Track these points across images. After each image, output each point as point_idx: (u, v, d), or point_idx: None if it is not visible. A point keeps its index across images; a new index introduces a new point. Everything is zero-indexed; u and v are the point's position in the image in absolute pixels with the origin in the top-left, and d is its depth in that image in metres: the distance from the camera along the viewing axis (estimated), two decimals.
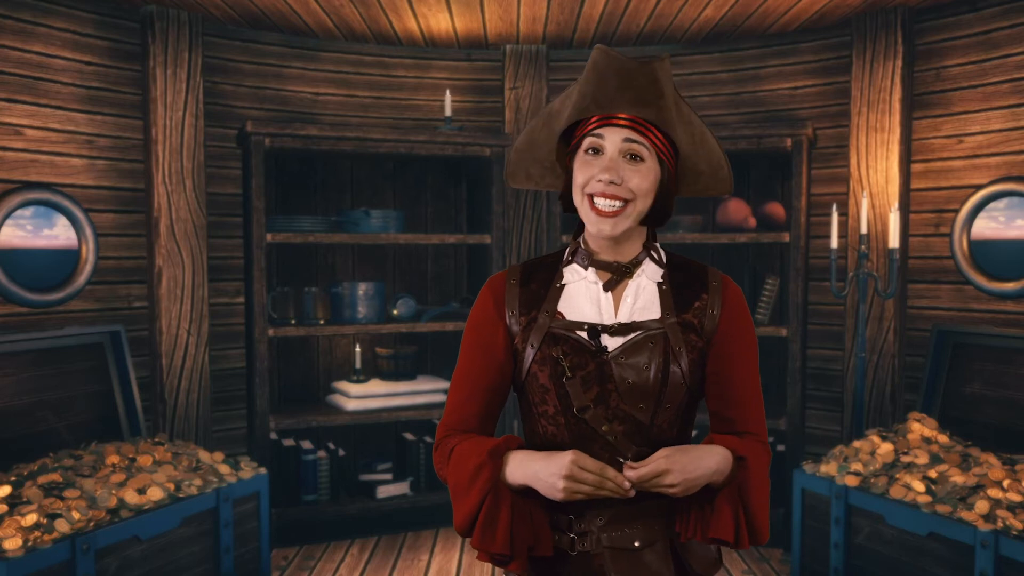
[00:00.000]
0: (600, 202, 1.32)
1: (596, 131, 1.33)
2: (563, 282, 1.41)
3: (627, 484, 1.25)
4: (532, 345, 1.36)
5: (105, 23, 3.64)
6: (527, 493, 1.31)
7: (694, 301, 1.38)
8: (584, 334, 1.35)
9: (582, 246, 1.41)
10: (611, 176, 1.30)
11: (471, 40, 4.26)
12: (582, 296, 1.39)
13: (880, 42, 3.75)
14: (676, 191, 1.40)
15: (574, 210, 1.39)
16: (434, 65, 4.40)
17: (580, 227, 1.43)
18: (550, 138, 1.41)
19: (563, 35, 4.18)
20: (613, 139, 1.31)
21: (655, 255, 1.41)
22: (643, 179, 1.32)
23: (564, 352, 1.33)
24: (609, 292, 1.38)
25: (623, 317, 1.36)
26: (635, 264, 1.39)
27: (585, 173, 1.33)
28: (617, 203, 1.31)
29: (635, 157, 1.32)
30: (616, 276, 1.39)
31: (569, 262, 1.43)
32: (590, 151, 1.33)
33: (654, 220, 1.39)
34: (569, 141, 1.40)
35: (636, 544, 1.34)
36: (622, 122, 1.31)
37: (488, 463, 1.30)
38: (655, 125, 1.32)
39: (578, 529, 1.35)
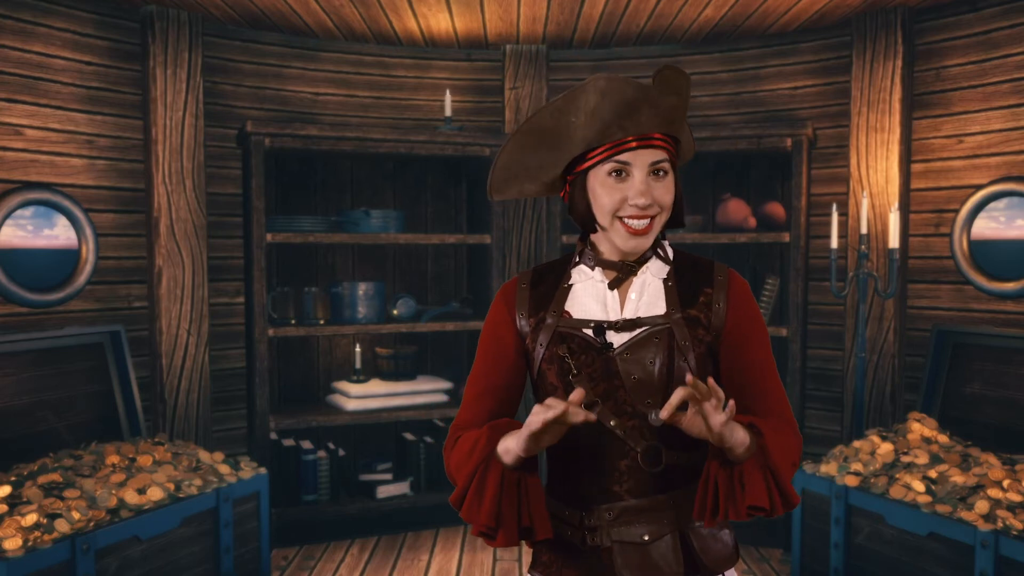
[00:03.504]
0: (633, 222, 1.33)
1: (619, 157, 1.32)
2: (570, 283, 1.44)
3: (576, 397, 1.19)
4: (541, 344, 1.39)
5: (105, 23, 3.63)
6: (525, 472, 1.31)
7: (699, 296, 1.40)
8: (590, 332, 1.37)
9: (589, 248, 1.43)
10: (647, 200, 1.32)
11: (471, 40, 4.26)
12: (588, 295, 1.41)
13: (880, 42, 3.75)
14: None
15: (594, 230, 1.40)
16: (434, 65, 4.40)
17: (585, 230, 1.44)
18: (558, 161, 1.39)
19: (563, 35, 4.18)
20: (641, 162, 1.33)
21: (662, 252, 1.43)
22: (668, 192, 1.35)
23: (571, 350, 1.36)
24: (615, 290, 1.40)
25: (628, 314, 1.38)
26: (641, 262, 1.41)
27: (613, 197, 1.33)
28: (648, 220, 1.34)
29: (662, 172, 1.35)
30: (621, 274, 1.40)
31: (577, 263, 1.45)
32: (613, 174, 1.34)
33: (672, 221, 1.41)
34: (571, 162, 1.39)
35: (645, 538, 1.35)
36: (655, 143, 1.33)
37: (484, 435, 1.32)
38: (669, 134, 1.35)
39: (588, 524, 1.37)
